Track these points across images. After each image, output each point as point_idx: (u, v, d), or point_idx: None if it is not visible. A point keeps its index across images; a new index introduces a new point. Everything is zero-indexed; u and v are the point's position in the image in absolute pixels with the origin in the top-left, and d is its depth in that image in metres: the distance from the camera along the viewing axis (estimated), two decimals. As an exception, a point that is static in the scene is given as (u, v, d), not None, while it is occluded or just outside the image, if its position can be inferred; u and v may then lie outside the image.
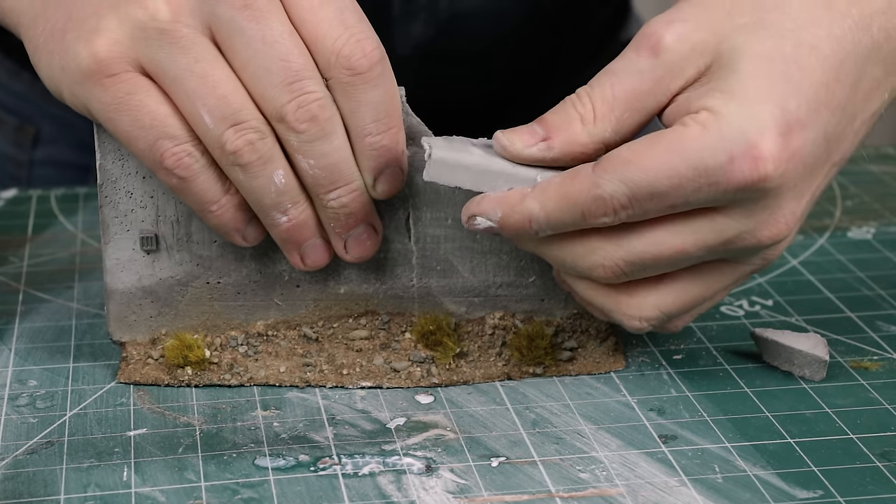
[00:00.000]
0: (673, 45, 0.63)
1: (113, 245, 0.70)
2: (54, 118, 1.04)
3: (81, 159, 1.05)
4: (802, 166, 0.62)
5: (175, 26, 0.64)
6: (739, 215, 0.62)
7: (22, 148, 1.05)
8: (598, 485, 0.62)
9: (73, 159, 1.05)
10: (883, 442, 0.65)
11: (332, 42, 0.64)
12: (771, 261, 0.65)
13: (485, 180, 0.65)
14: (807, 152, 0.62)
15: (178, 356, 0.70)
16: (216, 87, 0.63)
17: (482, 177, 0.65)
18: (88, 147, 1.05)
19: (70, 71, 0.65)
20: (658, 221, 0.63)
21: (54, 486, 0.62)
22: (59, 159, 1.06)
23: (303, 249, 0.67)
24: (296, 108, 0.63)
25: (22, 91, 1.04)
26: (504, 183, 0.64)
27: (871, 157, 1.02)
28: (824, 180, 0.64)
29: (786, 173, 0.61)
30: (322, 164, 0.64)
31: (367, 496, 0.61)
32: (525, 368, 0.71)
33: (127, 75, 0.64)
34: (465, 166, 0.65)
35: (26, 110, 1.05)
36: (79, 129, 1.04)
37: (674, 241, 0.63)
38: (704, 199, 0.61)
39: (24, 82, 1.04)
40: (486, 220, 0.64)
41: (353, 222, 0.67)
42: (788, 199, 0.62)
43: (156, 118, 0.64)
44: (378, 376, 0.70)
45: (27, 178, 1.04)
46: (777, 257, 0.65)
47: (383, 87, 0.65)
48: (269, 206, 0.65)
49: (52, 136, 1.05)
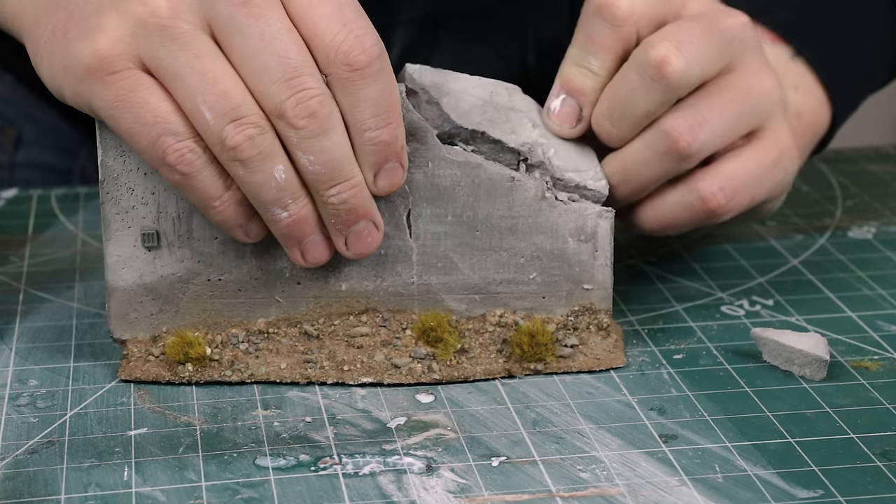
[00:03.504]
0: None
1: (114, 242, 0.70)
2: (36, 121, 1.04)
3: (63, 162, 1.05)
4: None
5: (175, 22, 0.64)
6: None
7: (3, 150, 1.05)
8: (598, 484, 0.62)
9: (55, 162, 1.05)
10: (883, 441, 0.65)
11: (331, 38, 0.64)
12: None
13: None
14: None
15: (178, 353, 0.70)
16: (216, 83, 0.63)
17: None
18: (70, 150, 1.05)
19: (72, 69, 0.65)
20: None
21: (55, 486, 0.62)
22: (41, 162, 1.05)
23: (303, 246, 0.67)
24: (295, 104, 0.63)
25: (4, 93, 1.04)
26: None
27: (871, 157, 1.02)
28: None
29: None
30: (322, 160, 0.65)
31: (367, 496, 0.61)
32: (526, 365, 0.71)
33: (129, 72, 0.64)
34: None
35: (8, 113, 1.05)
36: (61, 133, 1.04)
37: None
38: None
39: (6, 84, 1.04)
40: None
41: (354, 218, 0.67)
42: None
43: (158, 115, 0.64)
44: (379, 373, 0.70)
45: (9, 180, 1.04)
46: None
47: (383, 83, 0.65)
48: (269, 201, 0.65)
49: (34, 139, 1.05)
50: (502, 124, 0.71)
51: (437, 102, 0.70)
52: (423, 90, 0.70)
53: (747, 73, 0.73)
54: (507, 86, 0.73)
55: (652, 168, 0.72)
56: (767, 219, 0.87)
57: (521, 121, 0.72)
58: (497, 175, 0.70)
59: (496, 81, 0.72)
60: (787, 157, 0.75)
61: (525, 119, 0.72)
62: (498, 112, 0.71)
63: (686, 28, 0.71)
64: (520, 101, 0.72)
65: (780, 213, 0.91)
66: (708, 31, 0.72)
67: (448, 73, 0.71)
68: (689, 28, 0.71)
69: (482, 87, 0.71)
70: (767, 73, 0.74)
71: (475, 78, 0.72)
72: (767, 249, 0.86)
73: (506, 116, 0.71)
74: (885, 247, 0.86)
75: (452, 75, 0.71)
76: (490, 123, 0.71)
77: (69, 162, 1.05)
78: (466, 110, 0.71)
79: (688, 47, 0.71)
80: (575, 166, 0.72)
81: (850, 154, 1.02)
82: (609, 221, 0.71)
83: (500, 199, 0.70)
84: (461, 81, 0.71)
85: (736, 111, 0.72)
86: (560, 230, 0.71)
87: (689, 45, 0.71)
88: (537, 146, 0.71)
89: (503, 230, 0.71)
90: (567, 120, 0.72)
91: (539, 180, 0.70)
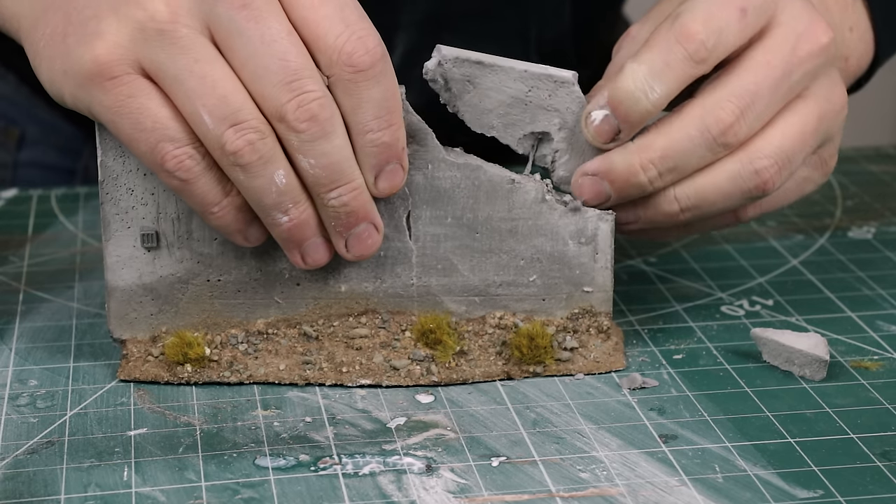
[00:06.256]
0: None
1: (114, 242, 0.70)
2: (39, 121, 1.04)
3: (66, 162, 1.05)
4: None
5: (174, 27, 0.64)
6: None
7: (6, 150, 1.05)
8: (598, 484, 0.62)
9: (58, 162, 1.05)
10: (883, 441, 0.65)
11: (333, 39, 0.64)
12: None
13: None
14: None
15: (177, 353, 0.70)
16: (216, 87, 0.63)
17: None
18: (73, 150, 1.05)
19: (71, 74, 0.65)
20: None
21: (54, 486, 0.62)
22: (44, 162, 1.05)
23: (304, 248, 0.67)
24: (295, 107, 0.63)
25: (7, 93, 1.04)
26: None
27: (871, 157, 1.02)
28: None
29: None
30: (322, 163, 0.64)
31: (367, 496, 0.61)
32: (525, 367, 0.71)
33: (128, 77, 0.64)
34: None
35: (11, 112, 1.05)
36: (63, 133, 1.04)
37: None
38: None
39: (9, 84, 1.04)
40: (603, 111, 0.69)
41: (354, 221, 0.67)
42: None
43: (157, 121, 0.64)
44: (377, 374, 0.70)
45: (11, 179, 1.04)
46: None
47: (385, 84, 0.65)
48: (269, 206, 0.65)
49: (37, 139, 1.05)
50: (521, 126, 0.70)
51: (456, 97, 0.70)
52: (447, 81, 0.69)
53: (820, 98, 0.71)
54: (557, 78, 0.70)
55: (731, 200, 0.71)
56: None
57: (549, 122, 0.71)
58: (497, 177, 0.70)
59: (547, 73, 0.70)
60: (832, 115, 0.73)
61: (556, 119, 0.70)
62: (525, 112, 0.70)
63: (754, 84, 0.69)
64: (561, 99, 0.70)
65: (780, 213, 0.91)
66: (777, 82, 0.70)
67: (490, 64, 0.69)
68: (758, 82, 0.69)
69: (523, 81, 0.70)
70: (838, 94, 0.73)
71: (522, 67, 0.70)
72: (767, 249, 0.86)
73: (531, 117, 0.70)
74: (885, 247, 0.86)
75: (493, 67, 0.69)
76: (504, 127, 0.70)
77: (72, 161, 1.05)
78: (487, 109, 0.70)
79: (753, 108, 0.69)
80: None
81: (850, 154, 1.02)
82: (609, 224, 0.71)
83: (500, 201, 0.70)
84: (499, 74, 0.69)
85: (814, 136, 0.71)
86: (560, 233, 0.71)
87: (754, 104, 0.69)
88: (548, 152, 0.71)
89: (503, 232, 0.71)
90: (603, 136, 0.70)
91: (539, 183, 0.70)
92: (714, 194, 0.70)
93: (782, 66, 0.70)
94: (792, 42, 0.70)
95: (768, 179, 0.70)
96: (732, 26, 0.69)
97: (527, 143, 0.71)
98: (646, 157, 0.69)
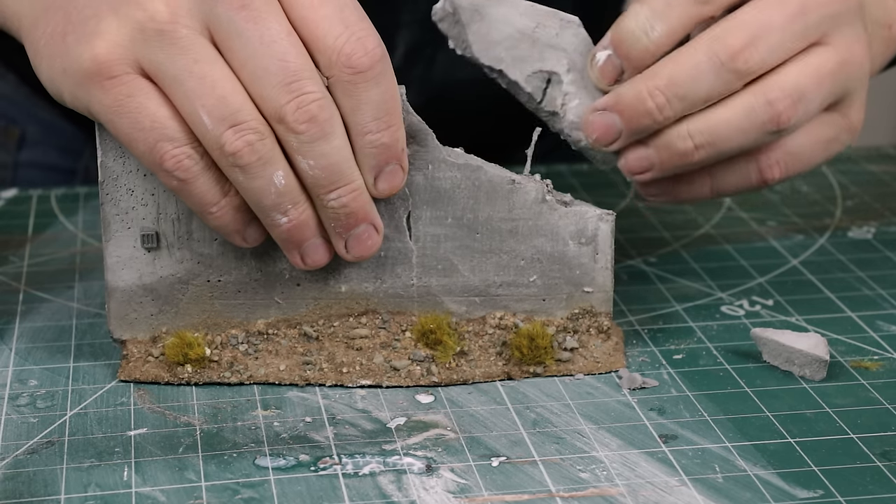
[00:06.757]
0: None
1: (114, 242, 0.70)
2: (40, 121, 1.04)
3: (66, 162, 1.05)
4: None
5: (174, 27, 0.64)
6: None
7: (7, 150, 1.05)
8: (598, 484, 0.62)
9: (58, 162, 1.05)
10: (883, 441, 0.65)
11: (332, 40, 0.64)
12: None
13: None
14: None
15: (178, 354, 0.70)
16: (215, 88, 0.63)
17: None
18: (73, 150, 1.05)
19: (71, 73, 0.65)
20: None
21: (54, 486, 0.62)
22: (44, 162, 1.06)
23: (303, 249, 0.67)
24: (295, 108, 0.63)
25: (7, 93, 1.04)
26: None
27: (871, 157, 1.02)
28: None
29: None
30: (322, 164, 0.64)
31: (367, 496, 0.61)
32: (525, 368, 0.71)
33: (127, 77, 0.64)
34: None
35: (11, 112, 1.05)
36: (64, 132, 1.05)
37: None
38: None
39: (9, 83, 1.04)
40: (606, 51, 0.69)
41: (354, 222, 0.67)
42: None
43: (155, 120, 0.64)
44: (378, 375, 0.70)
45: (12, 179, 1.04)
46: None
47: (384, 85, 0.64)
48: (269, 207, 0.65)
49: (38, 139, 1.05)
50: (530, 62, 0.70)
51: (465, 26, 0.70)
52: (456, 10, 0.69)
53: (839, 47, 0.71)
54: (563, 18, 0.71)
55: (747, 136, 0.70)
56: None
57: (558, 62, 0.70)
58: (497, 178, 0.70)
59: (553, 12, 0.70)
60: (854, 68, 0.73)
61: (564, 60, 0.70)
62: (533, 48, 0.70)
63: (766, 16, 0.69)
64: (568, 39, 0.70)
65: (780, 213, 0.91)
66: (790, 19, 0.69)
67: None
68: (770, 16, 0.69)
69: (529, 17, 0.70)
70: (860, 47, 0.72)
71: (527, 4, 0.70)
72: (767, 249, 0.86)
73: (539, 54, 0.70)
74: (885, 247, 0.86)
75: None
76: (513, 61, 0.70)
77: (72, 161, 1.06)
78: (495, 41, 0.70)
79: (765, 39, 0.68)
80: None
81: (849, 154, 1.02)
82: (610, 225, 0.71)
83: (500, 201, 0.70)
84: (505, 6, 0.70)
85: (831, 80, 0.70)
86: (560, 233, 0.71)
87: (767, 36, 0.69)
88: (558, 94, 0.71)
89: (503, 233, 0.71)
90: (607, 77, 0.70)
91: (539, 183, 0.70)
92: (728, 128, 0.70)
93: (798, 3, 0.69)
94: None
95: (782, 111, 0.69)
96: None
97: (536, 82, 0.71)
98: (652, 83, 0.69)
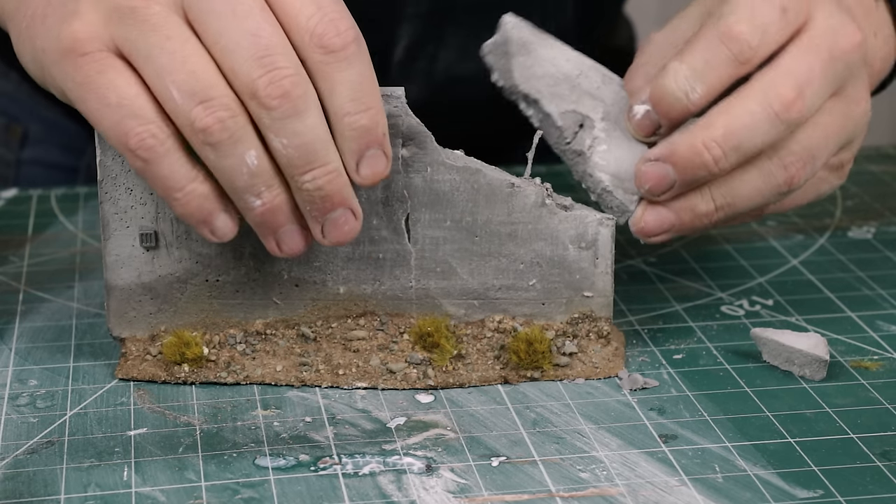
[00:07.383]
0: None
1: (113, 241, 0.70)
2: (42, 119, 1.05)
3: (69, 160, 1.05)
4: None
5: (147, 4, 0.63)
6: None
7: (9, 148, 1.05)
8: (598, 484, 0.62)
9: (61, 160, 1.05)
10: (883, 441, 0.65)
11: (304, 21, 0.63)
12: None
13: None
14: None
15: (175, 353, 0.70)
16: (185, 63, 0.62)
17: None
18: (76, 148, 1.05)
19: (49, 52, 0.65)
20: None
21: (54, 486, 0.62)
22: (47, 160, 1.05)
23: (279, 235, 0.65)
24: (267, 83, 0.62)
25: (10, 91, 1.04)
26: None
27: (871, 157, 1.02)
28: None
29: None
30: (295, 143, 0.63)
31: (367, 496, 0.61)
32: (522, 372, 0.71)
33: (99, 55, 0.64)
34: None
35: (14, 110, 1.05)
36: (66, 131, 1.05)
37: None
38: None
39: (12, 82, 1.04)
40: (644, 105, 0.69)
41: (330, 206, 0.65)
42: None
43: (123, 97, 0.63)
44: (374, 377, 0.70)
45: (14, 178, 1.04)
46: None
47: (358, 67, 0.63)
48: (242, 188, 0.64)
49: (40, 137, 1.05)
50: (567, 102, 0.70)
51: (512, 56, 0.70)
52: (507, 41, 0.70)
53: (851, 100, 0.72)
54: (607, 74, 0.71)
55: (763, 197, 0.71)
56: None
57: (594, 109, 0.71)
58: (496, 181, 0.70)
59: (598, 67, 0.71)
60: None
61: (600, 109, 0.71)
62: (572, 92, 0.70)
63: (807, 65, 0.69)
64: (608, 93, 0.71)
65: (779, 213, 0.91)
66: (825, 67, 0.70)
67: (547, 40, 0.71)
68: (810, 65, 0.69)
69: (575, 64, 0.71)
70: (865, 98, 0.73)
71: (576, 54, 0.71)
72: (767, 249, 0.86)
73: (577, 98, 0.70)
74: (885, 247, 0.86)
75: (550, 43, 0.71)
76: (551, 96, 0.70)
77: (75, 160, 1.06)
78: (537, 75, 0.70)
79: (810, 86, 0.69)
80: (616, 171, 0.70)
81: (850, 154, 1.02)
82: (610, 229, 0.71)
83: (499, 204, 0.70)
84: (554, 50, 0.70)
85: (838, 137, 0.71)
86: (560, 237, 0.71)
87: (811, 84, 0.69)
88: (588, 137, 0.71)
89: (502, 236, 0.71)
90: (643, 130, 0.70)
91: (539, 187, 0.70)
92: (748, 190, 0.70)
93: (828, 51, 0.70)
94: (832, 34, 0.70)
95: (794, 174, 0.70)
96: (775, 24, 0.69)
97: (569, 120, 0.71)
98: (708, 135, 0.68)
